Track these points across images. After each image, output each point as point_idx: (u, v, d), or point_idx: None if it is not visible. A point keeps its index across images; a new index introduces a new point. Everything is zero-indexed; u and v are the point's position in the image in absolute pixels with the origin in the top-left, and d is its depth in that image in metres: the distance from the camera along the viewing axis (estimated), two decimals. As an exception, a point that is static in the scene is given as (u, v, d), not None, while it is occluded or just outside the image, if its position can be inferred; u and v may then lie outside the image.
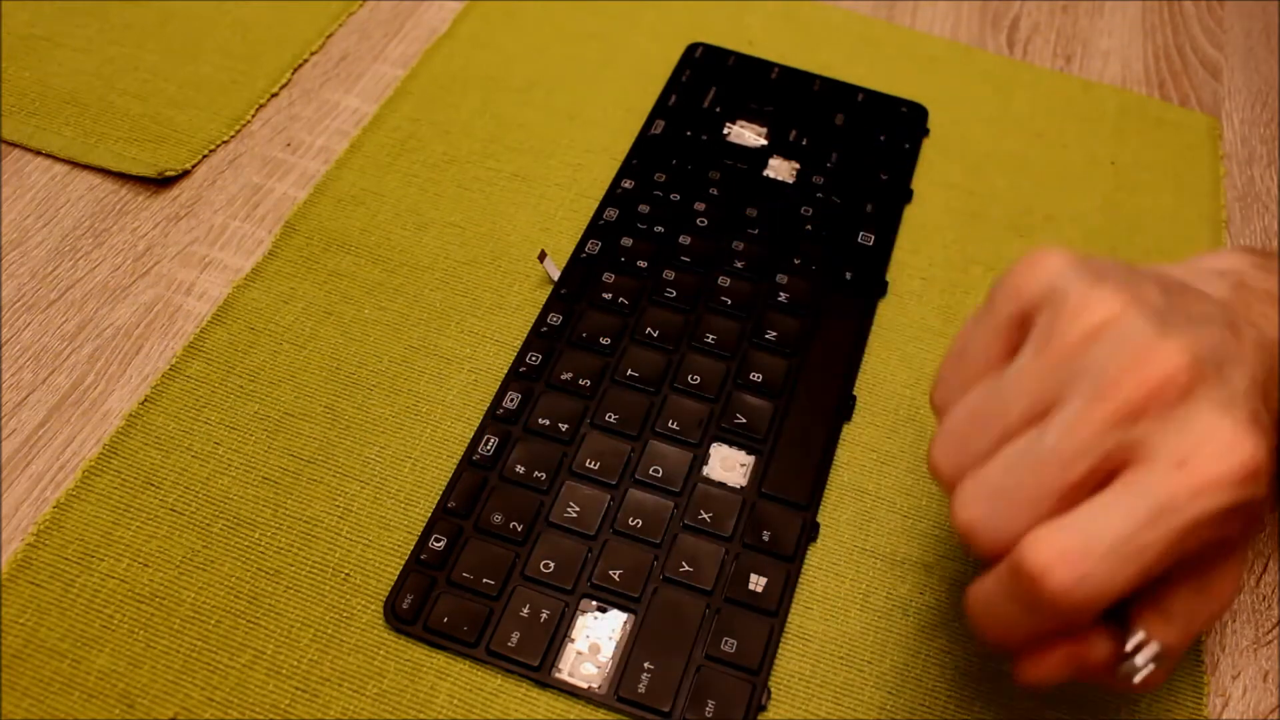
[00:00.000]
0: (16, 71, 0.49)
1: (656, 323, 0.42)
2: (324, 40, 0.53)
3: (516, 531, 0.36)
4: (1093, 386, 0.24)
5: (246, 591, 0.34)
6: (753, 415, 0.39)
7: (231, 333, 0.41)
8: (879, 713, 0.34)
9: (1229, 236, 0.49)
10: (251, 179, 0.47)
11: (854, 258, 0.45)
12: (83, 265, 0.43)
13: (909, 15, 0.59)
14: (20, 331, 0.41)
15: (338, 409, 0.39)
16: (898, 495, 0.39)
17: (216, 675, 0.33)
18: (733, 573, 0.35)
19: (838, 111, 0.51)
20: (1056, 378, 0.25)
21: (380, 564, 0.35)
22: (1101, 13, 0.61)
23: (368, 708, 0.32)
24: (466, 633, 0.34)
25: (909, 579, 0.37)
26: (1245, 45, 0.60)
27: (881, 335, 0.43)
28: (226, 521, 0.36)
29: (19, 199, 0.45)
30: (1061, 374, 0.25)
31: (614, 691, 0.33)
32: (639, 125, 0.50)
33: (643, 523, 0.36)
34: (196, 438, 0.38)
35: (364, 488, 0.37)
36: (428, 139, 0.49)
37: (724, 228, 0.45)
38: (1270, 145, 0.54)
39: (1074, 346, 0.25)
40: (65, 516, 0.36)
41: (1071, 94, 0.55)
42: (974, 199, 0.49)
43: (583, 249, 0.44)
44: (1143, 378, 0.24)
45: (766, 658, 0.34)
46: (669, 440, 0.38)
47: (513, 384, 0.40)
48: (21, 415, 0.38)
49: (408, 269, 0.44)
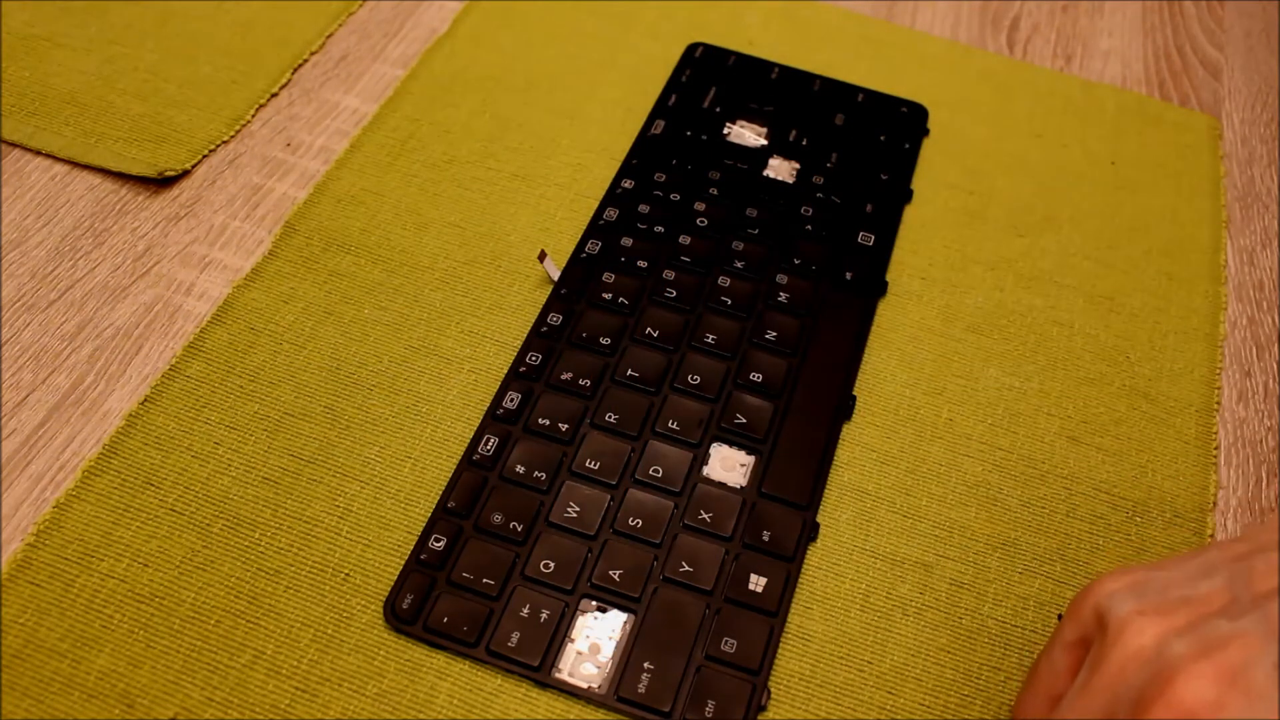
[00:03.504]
0: (16, 71, 0.49)
1: (656, 323, 0.42)
2: (324, 40, 0.53)
3: (516, 531, 0.36)
4: (1128, 712, 0.26)
5: (246, 591, 0.34)
6: (753, 415, 0.39)
7: (231, 333, 0.41)
8: (879, 713, 0.34)
9: (1229, 236, 0.49)
10: (251, 179, 0.47)
11: (854, 258, 0.45)
12: (83, 265, 0.43)
13: (909, 15, 0.59)
14: (20, 331, 0.41)
15: (338, 409, 0.39)
16: (898, 495, 0.39)
17: (216, 675, 0.33)
18: (733, 573, 0.35)
19: (838, 111, 0.51)
20: (1104, 701, 0.27)
21: (380, 564, 0.35)
22: (1101, 13, 0.61)
23: (368, 708, 0.32)
24: (466, 633, 0.34)
25: (909, 579, 0.37)
26: (1245, 45, 0.60)
27: (881, 335, 0.43)
28: (226, 521, 0.36)
29: (19, 199, 0.45)
30: (1108, 698, 0.27)
31: (614, 691, 0.33)
32: (639, 125, 0.50)
33: (643, 523, 0.36)
34: (196, 438, 0.38)
35: (364, 488, 0.37)
36: (428, 139, 0.49)
37: (724, 228, 0.45)
38: (1270, 145, 0.54)
39: (1116, 673, 0.27)
40: (65, 516, 0.36)
41: (1071, 94, 0.55)
42: (974, 199, 0.49)
43: (583, 249, 0.44)
44: (1170, 703, 0.25)
45: (766, 658, 0.34)
46: (669, 440, 0.38)
47: (513, 384, 0.40)
48: (21, 415, 0.38)
49: (408, 269, 0.44)
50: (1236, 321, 0.46)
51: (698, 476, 0.38)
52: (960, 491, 0.39)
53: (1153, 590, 0.28)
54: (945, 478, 0.39)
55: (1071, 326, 0.44)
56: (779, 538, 0.36)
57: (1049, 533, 0.38)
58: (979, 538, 0.38)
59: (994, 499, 0.39)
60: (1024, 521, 0.38)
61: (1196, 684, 0.25)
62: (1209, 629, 0.26)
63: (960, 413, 0.41)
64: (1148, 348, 0.44)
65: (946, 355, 0.43)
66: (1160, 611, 0.27)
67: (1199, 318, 0.45)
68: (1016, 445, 0.40)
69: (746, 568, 0.36)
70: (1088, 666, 0.28)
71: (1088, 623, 0.29)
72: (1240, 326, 0.46)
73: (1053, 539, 0.38)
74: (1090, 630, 0.29)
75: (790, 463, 0.38)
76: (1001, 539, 0.38)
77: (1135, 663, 0.27)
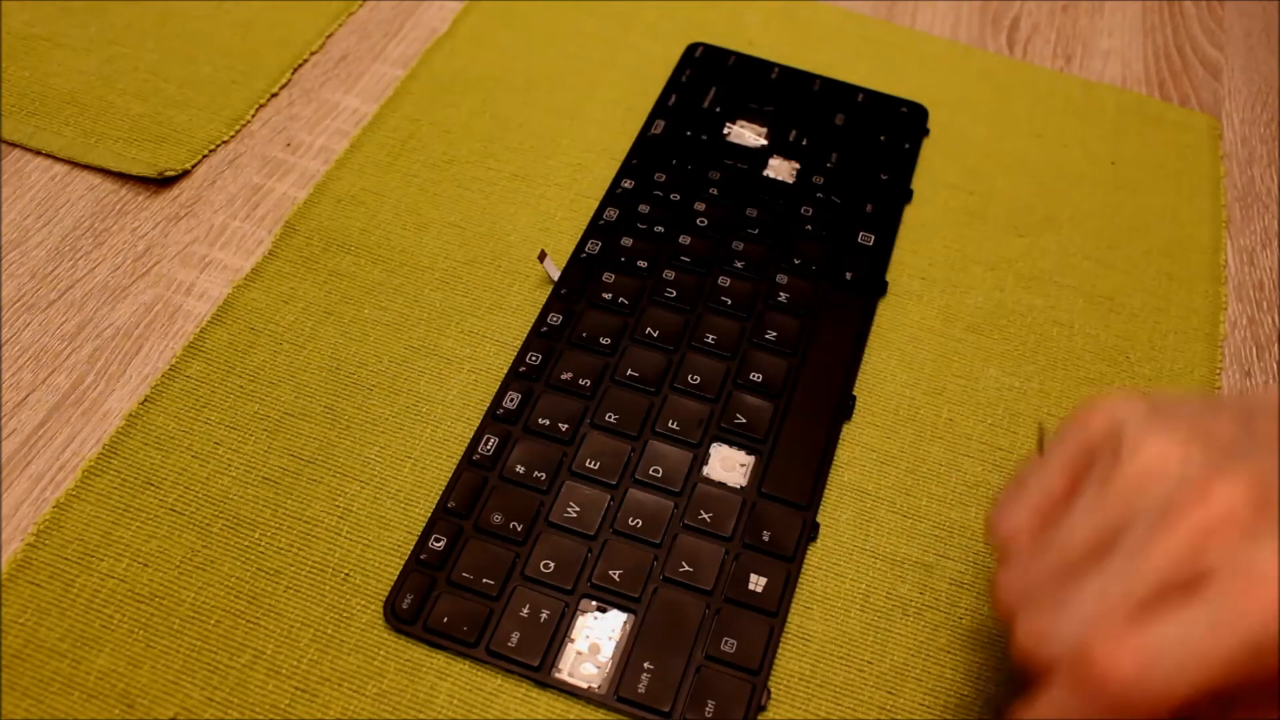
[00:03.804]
0: (16, 71, 0.49)
1: (656, 323, 0.42)
2: (324, 40, 0.53)
3: (516, 531, 0.36)
4: (1157, 517, 0.25)
5: (246, 591, 0.34)
6: (753, 415, 0.39)
7: (231, 333, 0.41)
8: (879, 713, 0.34)
9: (1229, 236, 0.49)
10: (251, 179, 0.47)
11: (854, 258, 0.45)
12: (83, 265, 0.43)
13: (909, 15, 0.59)
14: (20, 331, 0.41)
15: (338, 409, 0.39)
16: (898, 495, 0.39)
17: (216, 675, 0.33)
18: (733, 573, 0.35)
19: (838, 111, 0.51)
20: (1118, 513, 0.26)
21: (380, 564, 0.35)
22: (1101, 13, 0.61)
23: (368, 708, 0.32)
24: (466, 633, 0.34)
25: (909, 579, 0.37)
26: (1245, 45, 0.60)
27: (881, 335, 0.43)
28: (226, 521, 0.36)
29: (19, 199, 0.45)
30: (1123, 509, 0.26)
31: (614, 691, 0.33)
32: (639, 125, 0.50)
33: (643, 523, 0.36)
34: (196, 438, 0.38)
35: (364, 488, 0.37)
36: (428, 139, 0.49)
37: (724, 228, 0.45)
38: (1270, 145, 0.54)
39: (1134, 483, 0.26)
40: (65, 516, 0.36)
41: (1071, 94, 0.55)
42: (974, 199, 0.49)
43: (583, 249, 0.44)
44: (1208, 508, 0.24)
45: (766, 658, 0.34)
46: (669, 440, 0.39)
47: (513, 384, 0.40)
48: (21, 415, 0.38)
49: (408, 269, 0.44)
50: (1236, 322, 0.46)
51: (698, 476, 0.38)
52: (960, 491, 0.39)
53: (1167, 415, 0.27)
54: (945, 478, 0.39)
55: (1071, 326, 0.44)
56: (779, 538, 0.36)
57: (1049, 533, 0.38)
58: (979, 538, 0.38)
59: (994, 499, 0.39)
60: (1024, 521, 0.38)
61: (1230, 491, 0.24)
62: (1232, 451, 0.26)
63: (960, 413, 0.41)
64: (1148, 348, 0.44)
65: (946, 355, 0.43)
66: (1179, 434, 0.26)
67: (1199, 318, 0.45)
68: (1016, 445, 0.40)
69: (746, 568, 0.36)
70: (1097, 481, 0.27)
71: (1096, 439, 0.28)
72: (1240, 326, 0.46)
73: (1053, 539, 0.38)
74: (1098, 446, 0.28)
75: (790, 463, 0.38)
76: (1001, 539, 0.38)
77: (1157, 477, 0.26)
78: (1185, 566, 0.24)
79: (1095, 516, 0.26)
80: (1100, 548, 0.26)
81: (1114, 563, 0.25)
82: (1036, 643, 0.26)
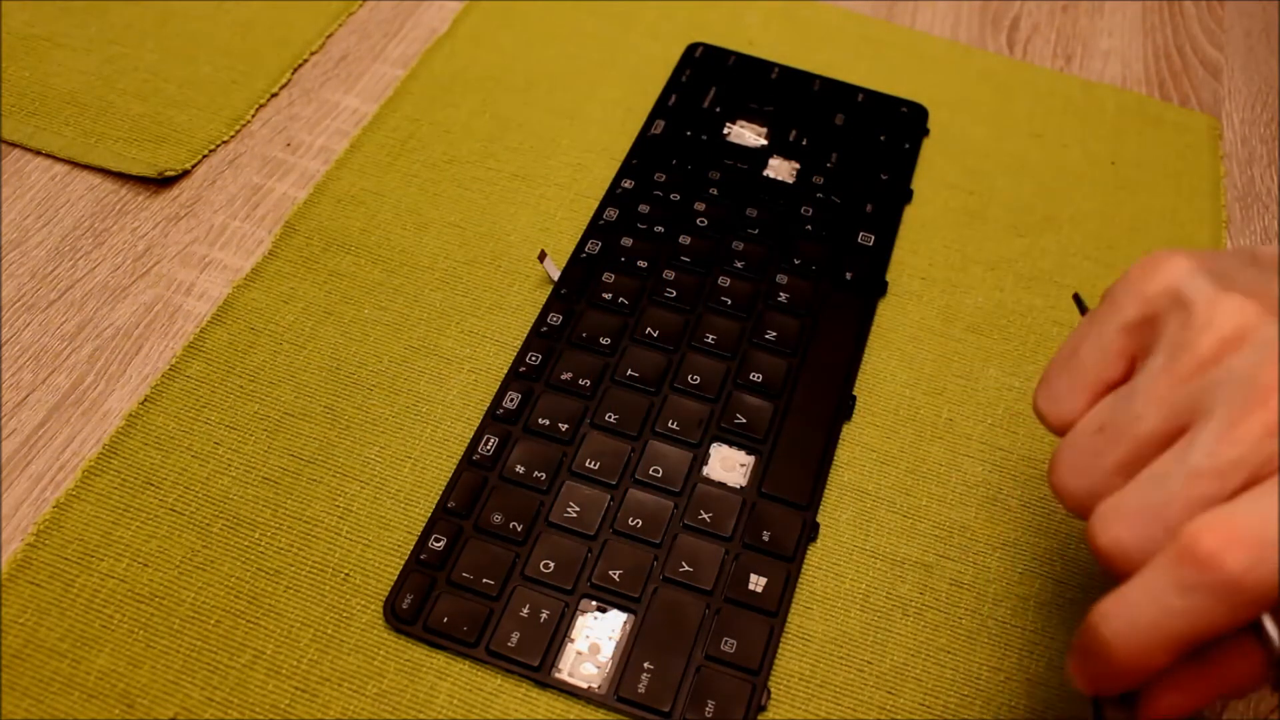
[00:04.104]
0: (16, 71, 0.49)
1: (656, 323, 0.42)
2: (324, 40, 0.53)
3: (516, 531, 0.36)
4: (1241, 397, 0.23)
5: (246, 591, 0.34)
6: (753, 415, 0.39)
7: (231, 333, 0.41)
8: (879, 713, 0.34)
9: (1229, 236, 0.49)
10: (251, 179, 0.47)
11: (854, 258, 0.45)
12: (83, 265, 0.43)
13: (909, 15, 0.59)
14: (20, 331, 0.41)
15: (338, 409, 0.39)
16: (898, 495, 0.39)
17: (216, 675, 0.33)
18: (733, 573, 0.35)
19: (838, 111, 0.51)
20: (1193, 390, 0.24)
21: (380, 564, 0.35)
22: (1101, 13, 0.61)
23: (368, 708, 0.32)
24: (466, 633, 0.34)
25: (909, 579, 0.37)
26: (1245, 45, 0.60)
27: (881, 335, 0.43)
28: (226, 521, 0.36)
29: (19, 199, 0.45)
30: (1199, 386, 0.24)
31: (614, 691, 0.33)
32: (639, 125, 0.50)
33: (643, 523, 0.36)
34: (196, 438, 0.38)
35: (364, 488, 0.37)
36: (428, 139, 0.49)
37: (724, 228, 0.45)
38: (1270, 145, 0.54)
39: (1209, 357, 0.24)
40: (65, 516, 0.36)
41: (1071, 94, 0.55)
42: (974, 199, 0.49)
43: (583, 249, 0.44)
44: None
45: (766, 658, 0.34)
46: (669, 440, 0.38)
47: (513, 384, 0.40)
48: (21, 415, 0.38)
49: (408, 269, 0.44)
50: (1236, 321, 0.46)
51: (698, 476, 0.38)
52: (960, 491, 0.39)
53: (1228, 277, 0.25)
54: (945, 478, 0.39)
55: (1071, 326, 0.44)
56: (779, 538, 0.36)
57: (1049, 533, 0.38)
58: (979, 538, 0.38)
59: (994, 499, 0.39)
60: (1024, 521, 0.38)
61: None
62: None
63: (960, 413, 0.41)
64: (1148, 348, 0.44)
65: (946, 355, 0.43)
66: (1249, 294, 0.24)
67: (1199, 318, 0.45)
68: (1016, 445, 0.40)
69: (746, 568, 0.36)
70: (1167, 348, 0.25)
71: (1157, 302, 0.25)
72: (1240, 326, 0.46)
73: (1053, 539, 0.38)
74: (1160, 310, 0.25)
75: (790, 463, 0.38)
76: (1001, 539, 0.38)
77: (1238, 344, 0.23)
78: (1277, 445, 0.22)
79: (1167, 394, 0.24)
80: (1176, 429, 0.24)
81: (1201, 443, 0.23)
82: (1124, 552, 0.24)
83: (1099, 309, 0.27)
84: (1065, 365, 0.27)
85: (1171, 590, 0.23)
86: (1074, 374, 0.27)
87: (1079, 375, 0.27)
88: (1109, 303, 0.27)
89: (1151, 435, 0.25)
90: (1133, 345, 0.26)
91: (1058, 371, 0.27)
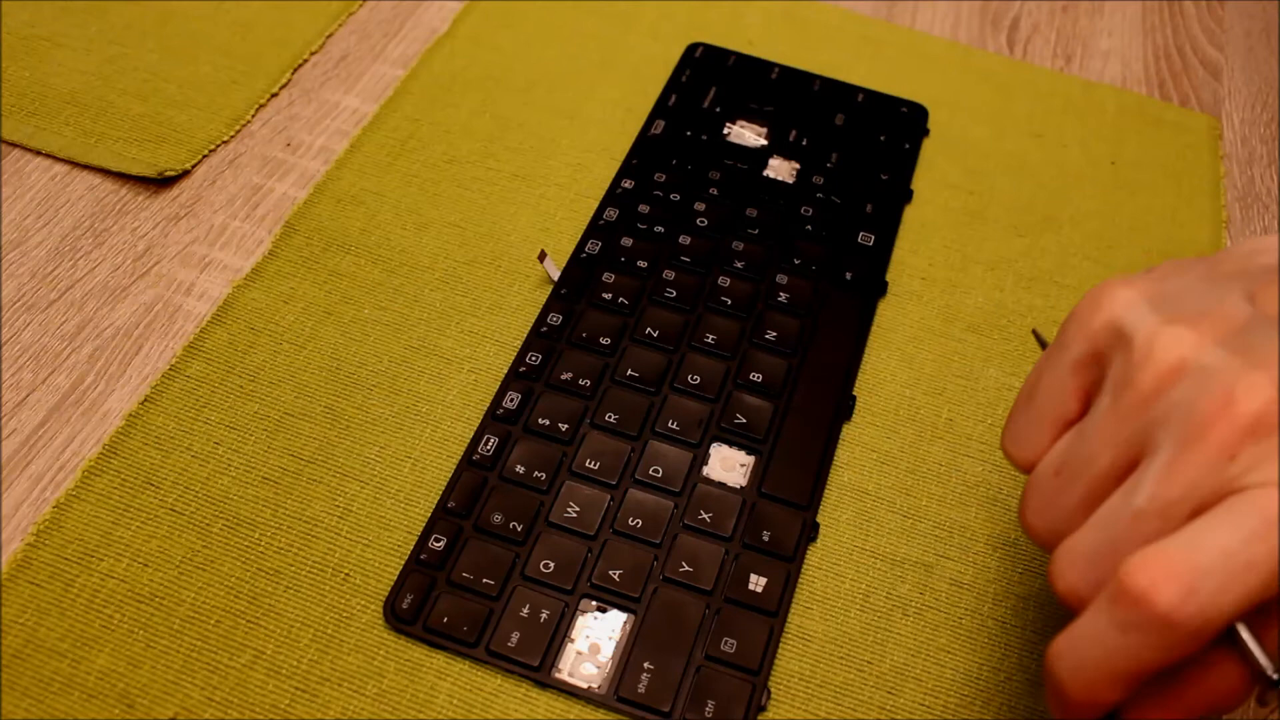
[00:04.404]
0: (16, 71, 0.49)
1: (656, 323, 0.42)
2: (324, 40, 0.53)
3: (516, 531, 0.36)
4: (1182, 431, 0.23)
5: (246, 591, 0.34)
6: (753, 415, 0.39)
7: (231, 333, 0.41)
8: (879, 713, 0.34)
9: (1229, 236, 0.49)
10: (251, 179, 0.47)
11: (854, 258, 0.45)
12: (83, 265, 0.43)
13: (909, 15, 0.59)
14: (20, 331, 0.41)
15: (338, 409, 0.39)
16: (898, 495, 0.39)
17: (216, 675, 0.33)
18: (733, 573, 0.35)
19: (838, 111, 0.51)
20: (1139, 424, 0.24)
21: (380, 564, 0.35)
22: (1101, 13, 0.61)
23: (368, 708, 0.32)
24: (466, 633, 0.34)
25: (909, 579, 0.37)
26: (1245, 45, 0.60)
27: (881, 335, 0.43)
28: (226, 521, 0.36)
29: (19, 199, 0.45)
30: (1144, 420, 0.24)
31: (614, 691, 0.33)
32: (639, 125, 0.50)
33: (643, 523, 0.36)
34: (196, 438, 0.38)
35: (364, 488, 0.37)
36: (428, 139, 0.49)
37: (724, 228, 0.45)
38: (1270, 145, 0.54)
39: (1150, 392, 0.24)
40: (65, 516, 0.36)
41: (1071, 94, 0.55)
42: (974, 199, 0.49)
43: (583, 249, 0.44)
44: (1234, 415, 0.23)
45: (766, 658, 0.34)
46: (669, 440, 0.39)
47: (513, 384, 0.40)
48: (21, 415, 0.38)
49: (408, 269, 0.44)
50: (1236, 321, 0.46)
51: (698, 476, 0.38)
52: (960, 491, 0.39)
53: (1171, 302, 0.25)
54: (945, 478, 0.39)
55: (1071, 326, 0.44)
56: (779, 538, 0.36)
57: (1049, 533, 0.38)
58: (979, 538, 0.38)
59: (994, 499, 0.39)
60: (1024, 521, 0.38)
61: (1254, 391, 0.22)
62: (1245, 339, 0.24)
63: (960, 413, 0.41)
64: (1148, 348, 0.44)
65: (946, 355, 0.43)
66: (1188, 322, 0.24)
67: (1199, 318, 0.45)
68: (1016, 445, 0.40)
69: (746, 568, 0.36)
70: (1112, 387, 0.25)
71: (1100, 338, 0.26)
72: (1240, 326, 0.46)
73: (1053, 539, 0.38)
74: (1104, 346, 0.26)
75: (790, 463, 0.38)
76: (1001, 539, 0.38)
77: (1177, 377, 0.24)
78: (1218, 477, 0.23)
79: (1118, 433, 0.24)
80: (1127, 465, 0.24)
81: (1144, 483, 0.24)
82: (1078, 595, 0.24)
83: (1052, 347, 0.27)
84: (1025, 405, 0.28)
85: (1111, 629, 0.23)
86: (1033, 414, 0.27)
87: (1037, 415, 0.27)
88: (1059, 340, 0.27)
89: (1105, 474, 0.25)
90: (1085, 381, 0.26)
91: (1019, 412, 0.28)
